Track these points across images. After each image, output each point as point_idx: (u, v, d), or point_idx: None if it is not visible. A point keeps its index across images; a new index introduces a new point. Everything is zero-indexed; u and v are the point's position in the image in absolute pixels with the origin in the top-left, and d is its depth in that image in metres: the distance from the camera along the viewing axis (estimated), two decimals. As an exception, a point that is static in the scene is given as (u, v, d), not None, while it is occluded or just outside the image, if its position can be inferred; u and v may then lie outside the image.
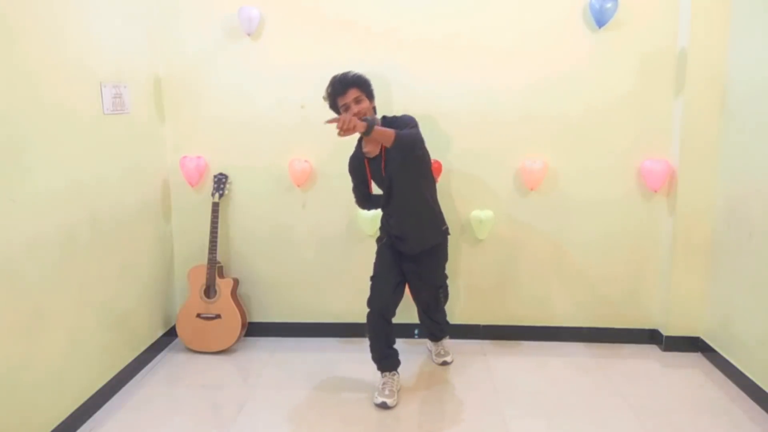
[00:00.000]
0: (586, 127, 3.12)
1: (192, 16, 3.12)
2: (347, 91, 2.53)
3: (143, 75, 3.02)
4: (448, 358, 3.04)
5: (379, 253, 2.81)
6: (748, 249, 2.74)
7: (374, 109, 2.65)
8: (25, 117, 2.16)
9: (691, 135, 2.99)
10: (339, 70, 3.06)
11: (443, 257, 2.84)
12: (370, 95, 2.60)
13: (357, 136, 2.62)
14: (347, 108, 2.52)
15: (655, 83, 3.06)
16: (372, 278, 2.75)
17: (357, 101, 2.53)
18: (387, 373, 2.71)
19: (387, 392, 2.64)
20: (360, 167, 2.72)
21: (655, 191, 3.11)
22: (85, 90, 2.53)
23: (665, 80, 3.05)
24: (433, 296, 2.85)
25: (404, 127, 2.49)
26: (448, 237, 2.83)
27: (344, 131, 2.32)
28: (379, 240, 2.85)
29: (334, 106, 2.60)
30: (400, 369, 2.76)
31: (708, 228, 3.05)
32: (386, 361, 2.71)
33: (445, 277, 2.90)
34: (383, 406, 2.60)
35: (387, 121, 2.61)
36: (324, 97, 2.60)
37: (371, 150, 2.64)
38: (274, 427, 2.50)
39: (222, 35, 3.12)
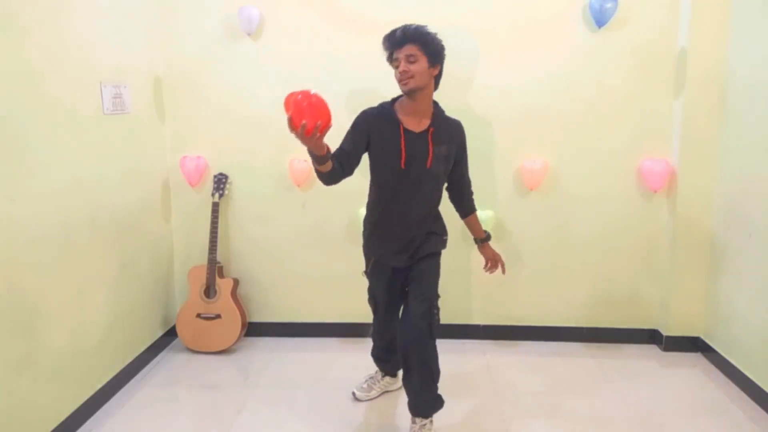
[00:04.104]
0: (586, 127, 3.12)
1: (192, 15, 3.12)
2: (404, 45, 2.16)
3: (143, 75, 3.01)
4: None
5: (371, 281, 2.54)
6: (748, 249, 2.74)
7: (438, 77, 2.26)
8: (25, 116, 2.16)
9: (691, 135, 3.00)
10: (339, 70, 3.09)
11: (436, 267, 2.41)
12: (433, 56, 2.17)
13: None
14: (398, 65, 2.18)
15: (654, 83, 3.06)
16: (373, 306, 2.60)
17: (409, 60, 2.15)
18: (378, 372, 2.77)
19: (365, 385, 2.73)
20: (394, 134, 2.21)
21: (655, 191, 3.11)
22: (86, 90, 2.53)
23: (665, 80, 3.06)
24: (425, 310, 2.28)
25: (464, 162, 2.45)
26: (442, 251, 2.47)
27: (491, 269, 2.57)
28: (366, 272, 2.53)
29: (390, 58, 2.24)
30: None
31: (708, 228, 3.05)
32: (380, 363, 2.76)
33: (437, 296, 2.39)
34: (353, 395, 2.70)
35: (439, 109, 2.33)
36: (383, 43, 2.24)
37: (412, 123, 2.23)
38: (274, 427, 2.50)
39: (222, 35, 3.12)
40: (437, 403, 2.38)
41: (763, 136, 2.64)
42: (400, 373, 2.51)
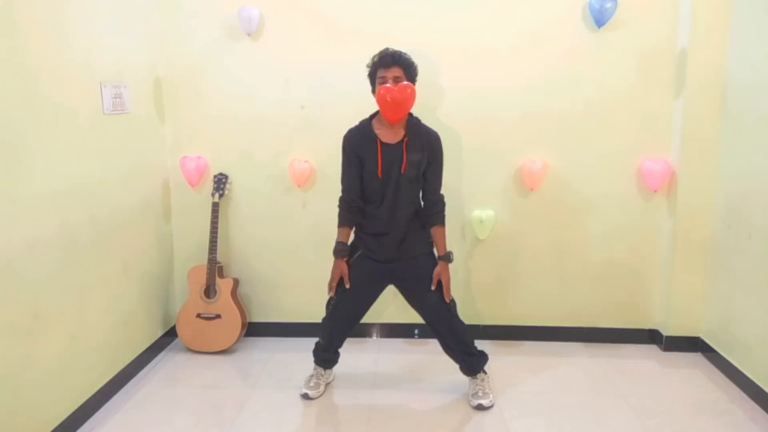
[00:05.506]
0: (586, 127, 3.12)
1: (192, 15, 3.12)
2: (391, 66, 2.49)
3: (143, 75, 3.01)
4: (485, 401, 2.61)
5: (355, 267, 2.66)
6: (748, 249, 2.74)
7: None
8: (25, 117, 2.16)
9: (691, 135, 3.00)
10: (339, 70, 3.10)
11: (431, 260, 2.64)
12: (411, 79, 2.54)
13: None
14: (383, 81, 2.48)
15: (655, 83, 3.06)
16: (340, 292, 2.69)
17: (396, 80, 2.48)
18: (317, 368, 2.80)
19: (312, 384, 2.74)
20: (372, 148, 2.54)
21: (655, 191, 3.11)
22: (86, 90, 2.53)
23: (665, 80, 3.06)
24: (438, 297, 2.59)
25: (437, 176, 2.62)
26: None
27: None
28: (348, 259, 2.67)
29: (372, 75, 2.56)
30: (402, 367, 2.76)
31: (708, 228, 3.05)
32: (327, 363, 2.81)
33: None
34: (305, 395, 2.70)
35: (413, 120, 2.60)
36: (367, 64, 2.57)
37: (388, 136, 2.55)
38: (274, 427, 2.50)
39: (222, 35, 3.12)
40: (483, 357, 2.70)
41: (763, 137, 2.64)
42: (401, 370, 2.55)
